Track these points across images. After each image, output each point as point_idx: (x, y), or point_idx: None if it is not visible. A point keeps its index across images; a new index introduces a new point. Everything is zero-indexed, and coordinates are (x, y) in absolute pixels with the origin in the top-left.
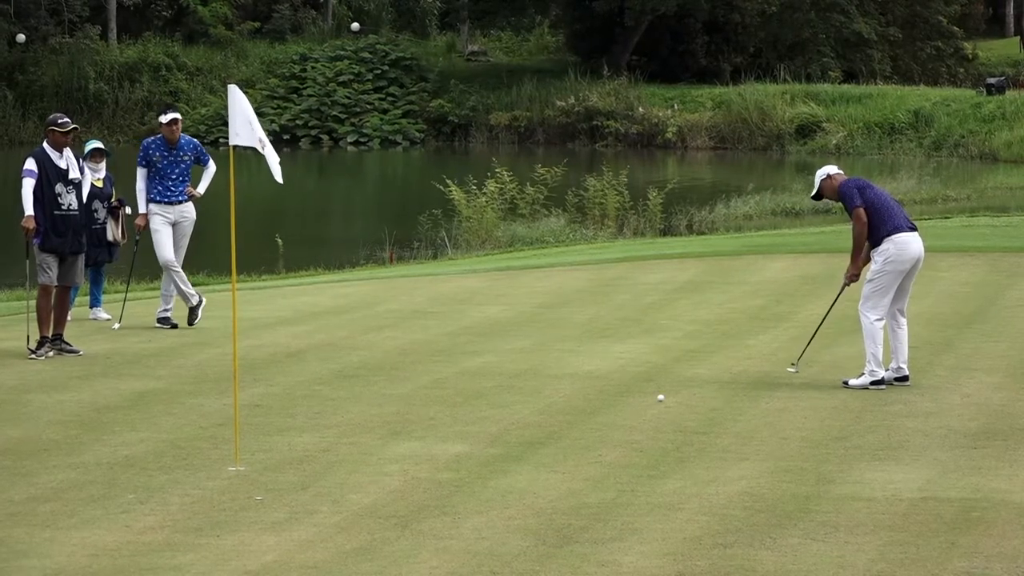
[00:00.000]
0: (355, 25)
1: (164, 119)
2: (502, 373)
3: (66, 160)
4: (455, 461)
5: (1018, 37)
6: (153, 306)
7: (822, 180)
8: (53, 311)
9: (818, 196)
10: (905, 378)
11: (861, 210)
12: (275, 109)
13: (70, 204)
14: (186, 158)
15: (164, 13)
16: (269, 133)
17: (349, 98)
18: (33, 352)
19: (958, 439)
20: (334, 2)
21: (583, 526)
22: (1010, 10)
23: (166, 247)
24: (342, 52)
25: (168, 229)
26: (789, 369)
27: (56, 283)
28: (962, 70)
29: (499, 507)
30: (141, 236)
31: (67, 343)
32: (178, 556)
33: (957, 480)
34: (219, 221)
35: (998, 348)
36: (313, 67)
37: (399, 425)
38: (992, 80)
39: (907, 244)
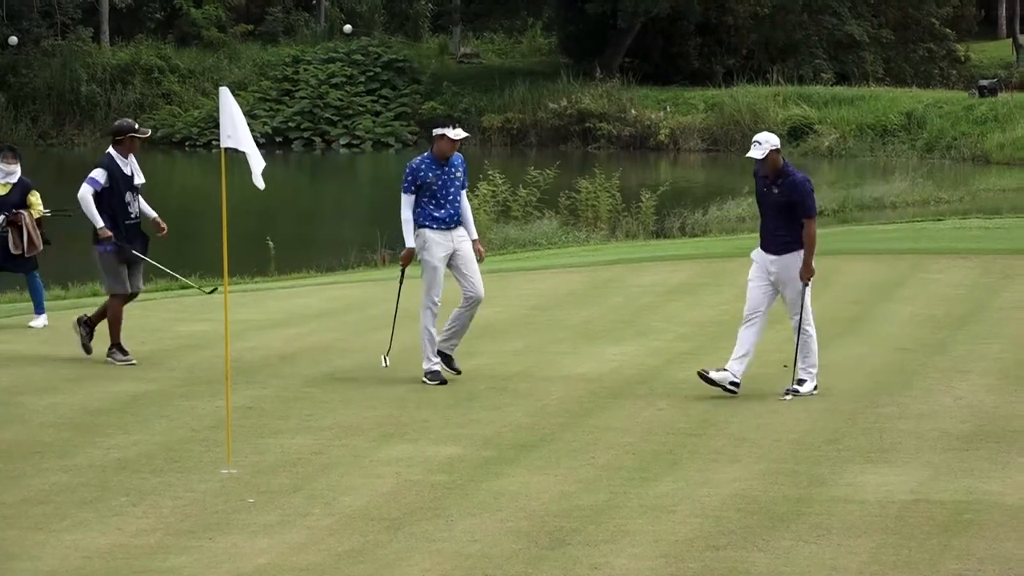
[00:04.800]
0: (347, 27)
1: (454, 135)
2: (495, 375)
3: (130, 167)
4: (448, 463)
5: (1010, 39)
6: (149, 307)
7: (772, 151)
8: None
9: (759, 159)
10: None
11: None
12: (267, 111)
13: (136, 212)
14: (458, 175)
15: (156, 15)
16: (261, 135)
17: (341, 100)
18: (115, 359)
19: (951, 441)
20: (326, 4)
21: (575, 528)
22: (1002, 12)
23: (437, 286)
24: (334, 54)
25: (443, 265)
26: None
27: (130, 290)
28: (954, 72)
29: (491, 509)
30: (405, 272)
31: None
32: (170, 559)
33: (950, 482)
34: (211, 223)
35: (991, 350)
36: (305, 69)
37: (392, 427)
38: (984, 82)
39: None
